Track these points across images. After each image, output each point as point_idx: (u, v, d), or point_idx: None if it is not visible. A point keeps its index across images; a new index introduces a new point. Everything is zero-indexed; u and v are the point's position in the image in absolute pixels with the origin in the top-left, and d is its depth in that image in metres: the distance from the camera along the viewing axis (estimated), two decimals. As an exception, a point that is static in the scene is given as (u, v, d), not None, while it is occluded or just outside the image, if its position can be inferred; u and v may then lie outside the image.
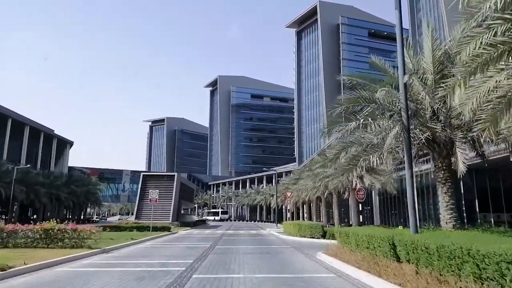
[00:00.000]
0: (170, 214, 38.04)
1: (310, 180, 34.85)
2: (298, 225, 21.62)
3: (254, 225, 55.74)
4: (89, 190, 59.24)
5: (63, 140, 65.16)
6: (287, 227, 26.00)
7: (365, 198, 20.35)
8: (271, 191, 74.41)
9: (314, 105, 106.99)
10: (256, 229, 38.58)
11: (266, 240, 20.80)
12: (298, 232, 21.52)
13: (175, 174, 40.20)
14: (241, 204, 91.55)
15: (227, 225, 53.65)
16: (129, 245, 17.06)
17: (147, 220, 37.34)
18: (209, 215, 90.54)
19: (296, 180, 44.40)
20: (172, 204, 38.52)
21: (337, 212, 29.95)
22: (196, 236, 24.63)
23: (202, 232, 30.25)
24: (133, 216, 39.19)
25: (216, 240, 20.53)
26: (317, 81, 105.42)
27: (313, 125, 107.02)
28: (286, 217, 67.47)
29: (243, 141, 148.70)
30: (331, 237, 19.38)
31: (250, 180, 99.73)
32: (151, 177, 40.15)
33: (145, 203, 39.19)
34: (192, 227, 39.28)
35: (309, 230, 20.56)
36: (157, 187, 39.31)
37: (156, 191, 25.13)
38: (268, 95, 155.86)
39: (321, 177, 30.28)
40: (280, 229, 33.89)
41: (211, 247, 16.21)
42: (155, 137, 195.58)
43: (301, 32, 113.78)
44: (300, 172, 45.98)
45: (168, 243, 19.30)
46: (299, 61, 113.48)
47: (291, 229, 23.82)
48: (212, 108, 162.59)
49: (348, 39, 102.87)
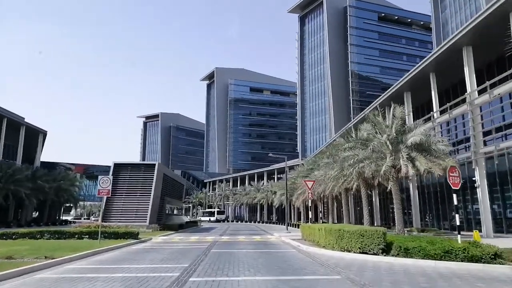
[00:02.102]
0: (147, 215, 29.34)
1: (331, 169, 26.25)
2: (337, 231, 12.94)
3: (255, 227, 46.97)
4: (61, 186, 50.36)
5: (34, 129, 56.21)
6: (309, 233, 17.30)
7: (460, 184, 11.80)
8: (273, 188, 65.76)
9: (319, 95, 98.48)
10: (260, 233, 29.96)
11: (285, 258, 12.13)
12: (336, 243, 12.86)
13: (156, 163, 31.47)
14: (239, 203, 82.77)
15: (223, 227, 44.96)
16: (12, 276, 8.39)
17: (119, 222, 28.83)
18: (204, 215, 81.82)
19: (309, 171, 35.80)
20: (150, 201, 29.83)
21: (399, 209, 21.10)
22: (170, 248, 15.95)
23: (186, 239, 21.59)
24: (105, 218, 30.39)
25: (198, 258, 11.92)
26: (322, 70, 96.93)
27: (317, 117, 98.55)
28: (291, 217, 58.95)
29: (242, 137, 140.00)
30: (402, 253, 10.87)
31: (249, 176, 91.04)
32: (124, 166, 31.43)
33: (116, 201, 30.54)
34: (177, 231, 30.61)
35: (357, 239, 11.97)
36: (133, 180, 30.68)
37: (107, 179, 16.43)
38: (268, 88, 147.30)
39: (351, 162, 21.69)
40: (293, 234, 25.25)
41: (179, 279, 7.68)
42: (149, 134, 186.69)
43: (304, 18, 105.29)
44: (312, 162, 37.38)
45: (103, 266, 10.60)
46: (302, 49, 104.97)
47: (318, 236, 15.15)
48: (209, 102, 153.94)
49: (356, 23, 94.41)
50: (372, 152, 21.48)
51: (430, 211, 30.31)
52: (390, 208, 39.95)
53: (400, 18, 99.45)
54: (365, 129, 23.05)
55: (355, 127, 28.80)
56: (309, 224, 18.34)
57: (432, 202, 30.29)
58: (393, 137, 20.97)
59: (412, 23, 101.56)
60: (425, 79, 27.73)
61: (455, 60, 23.97)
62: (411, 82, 29.03)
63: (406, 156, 19.57)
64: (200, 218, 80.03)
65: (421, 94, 29.75)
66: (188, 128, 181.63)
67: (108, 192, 16.15)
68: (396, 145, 20.94)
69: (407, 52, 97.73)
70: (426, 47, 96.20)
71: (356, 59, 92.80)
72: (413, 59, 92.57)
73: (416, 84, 29.03)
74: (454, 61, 24.14)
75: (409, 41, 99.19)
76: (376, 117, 22.43)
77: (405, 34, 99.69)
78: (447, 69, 25.72)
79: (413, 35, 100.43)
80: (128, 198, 30.37)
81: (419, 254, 10.47)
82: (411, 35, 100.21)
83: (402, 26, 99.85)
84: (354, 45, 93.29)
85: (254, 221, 74.39)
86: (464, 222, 25.48)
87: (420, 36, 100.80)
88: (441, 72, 26.57)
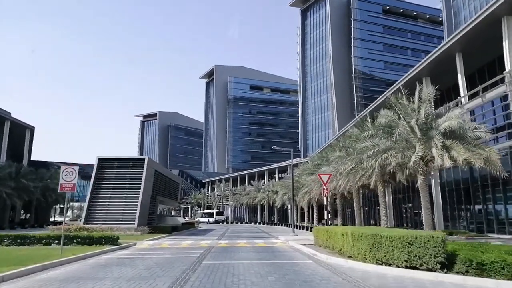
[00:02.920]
0: (136, 216, 25.98)
1: (343, 164, 22.91)
2: (371, 237, 9.57)
3: (256, 228, 43.59)
4: (48, 185, 46.98)
5: (21, 125, 52.86)
6: (325, 237, 13.94)
7: None
8: (275, 187, 62.39)
9: (321, 91, 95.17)
10: (263, 236, 26.63)
11: (304, 276, 8.79)
12: (370, 253, 9.53)
13: (145, 157, 28.05)
14: (239, 204, 79.33)
15: (222, 229, 41.62)
16: None
17: (103, 224, 25.56)
18: (203, 216, 78.38)
19: (316, 167, 32.41)
20: (139, 201, 26.46)
21: (428, 209, 17.81)
22: (151, 258, 12.61)
23: (176, 245, 18.24)
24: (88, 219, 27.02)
25: (183, 276, 8.57)
26: (325, 65, 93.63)
27: (320, 114, 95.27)
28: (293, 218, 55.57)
29: (241, 136, 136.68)
30: (473, 270, 7.57)
31: (249, 176, 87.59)
32: (110, 162, 28.01)
33: (101, 201, 27.21)
34: (170, 233, 27.24)
35: (402, 248, 8.68)
36: (120, 177, 27.37)
37: (72, 171, 13.07)
38: (268, 86, 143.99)
39: (371, 153, 18.35)
40: (301, 237, 21.94)
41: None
42: (147, 133, 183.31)
43: (306, 11, 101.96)
44: (319, 157, 34.01)
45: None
46: (304, 44, 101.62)
47: (341, 242, 11.77)
48: (208, 100, 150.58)
49: (360, 15, 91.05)
50: (395, 142, 18.18)
51: (452, 210, 27.02)
52: (403, 208, 36.64)
53: (405, 11, 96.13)
54: (385, 115, 19.69)
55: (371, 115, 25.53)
56: (326, 227, 14.93)
57: (454, 201, 27.03)
58: (422, 122, 17.66)
59: (418, 16, 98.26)
60: (449, 61, 24.44)
61: (490, 35, 20.64)
62: (432, 65, 25.71)
63: (440, 144, 16.25)
64: (199, 219, 76.63)
65: (443, 79, 26.42)
66: (186, 127, 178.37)
67: (73, 187, 12.79)
68: (425, 132, 17.63)
69: (412, 47, 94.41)
70: (432, 42, 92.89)
71: (359, 54, 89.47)
72: (419, 54, 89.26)
73: (437, 67, 25.72)
74: (488, 36, 20.81)
75: (415, 35, 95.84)
76: (399, 100, 19.10)
77: (411, 27, 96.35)
78: (480, 47, 22.40)
79: (419, 29, 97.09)
80: (115, 197, 27.03)
81: (502, 273, 7.13)
82: (417, 29, 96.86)
83: (408, 19, 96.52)
84: (357, 39, 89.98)
85: (254, 222, 71.03)
86: (494, 222, 22.15)
87: (426, 30, 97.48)
88: (470, 51, 23.26)
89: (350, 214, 47.52)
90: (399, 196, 35.10)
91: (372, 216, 39.77)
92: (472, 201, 25.17)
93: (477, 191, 24.17)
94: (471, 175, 24.26)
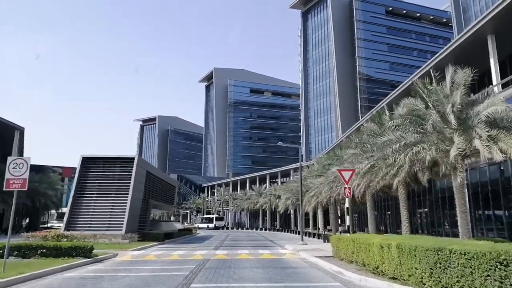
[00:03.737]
0: (123, 221, 22.96)
1: (358, 162, 19.97)
2: (433, 251, 6.57)
3: (258, 235, 40.46)
4: (37, 189, 43.99)
5: (8, 125, 49.89)
6: (351, 250, 10.89)
7: None
8: (277, 191, 59.33)
9: (324, 93, 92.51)
10: (267, 244, 23.61)
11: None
12: (430, 276, 6.52)
13: (135, 156, 25.11)
14: (239, 209, 76.13)
15: (221, 235, 38.52)
16: None
17: (87, 230, 22.61)
18: (203, 222, 75.21)
19: (325, 168, 29.43)
20: (127, 204, 23.47)
21: (465, 213, 14.84)
22: (123, 280, 9.61)
23: (164, 256, 15.22)
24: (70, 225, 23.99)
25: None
26: (327, 66, 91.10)
27: (322, 117, 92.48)
28: (302, 224, 52.54)
29: (242, 140, 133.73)
30: None
31: (250, 180, 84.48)
32: (95, 161, 25.05)
33: (85, 204, 24.25)
34: (161, 242, 24.18)
35: (490, 272, 5.65)
36: (106, 178, 24.44)
37: (22, 163, 9.99)
38: (269, 90, 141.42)
39: (396, 147, 15.42)
40: (313, 247, 18.94)
41: None
42: (146, 138, 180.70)
43: (307, 13, 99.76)
44: (329, 157, 31.01)
45: None
46: (306, 45, 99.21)
47: (379, 257, 8.72)
48: (208, 104, 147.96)
49: (363, 16, 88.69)
50: (425, 134, 15.27)
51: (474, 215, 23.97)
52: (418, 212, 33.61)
53: (408, 12, 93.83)
54: (409, 104, 16.79)
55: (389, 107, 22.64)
56: (351, 236, 11.83)
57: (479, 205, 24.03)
58: (458, 109, 14.77)
59: (422, 17, 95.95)
60: (477, 47, 21.64)
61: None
62: (458, 51, 22.89)
63: (486, 135, 13.33)
64: (198, 225, 73.44)
65: (470, 66, 23.55)
66: (186, 131, 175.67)
67: (24, 183, 9.75)
68: (463, 121, 14.74)
69: (418, 48, 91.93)
70: (437, 42, 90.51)
71: (363, 54, 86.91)
72: (424, 55, 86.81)
73: (464, 53, 22.90)
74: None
75: (420, 36, 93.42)
76: (426, 86, 16.21)
77: (415, 28, 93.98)
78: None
79: (423, 29, 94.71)
80: (100, 201, 24.04)
81: None
82: (422, 30, 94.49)
83: (412, 20, 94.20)
84: (361, 39, 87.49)
85: (255, 228, 67.80)
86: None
87: (431, 31, 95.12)
88: (503, 33, 20.44)
89: (357, 220, 44.36)
90: (415, 199, 32.14)
91: (381, 222, 36.61)
92: (503, 205, 22.17)
93: (509, 193, 21.20)
94: (501, 174, 21.31)
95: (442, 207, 24.64)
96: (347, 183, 12.59)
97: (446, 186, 25.09)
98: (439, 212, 25.60)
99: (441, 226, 25.44)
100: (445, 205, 24.15)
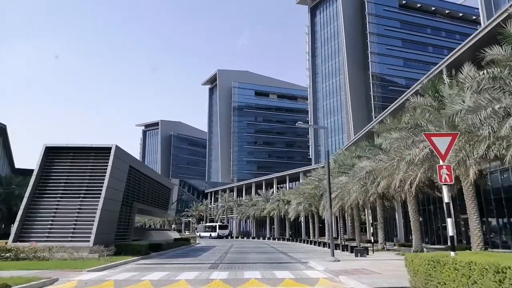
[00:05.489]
0: (92, 229, 17.44)
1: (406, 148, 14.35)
2: None
3: (268, 246, 34.57)
4: (13, 193, 38.85)
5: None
6: (466, 283, 5.11)
7: None
8: (286, 196, 53.61)
9: (333, 93, 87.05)
10: (282, 260, 17.93)
11: None
12: None
13: (112, 146, 19.72)
14: (244, 216, 70.30)
15: (224, 247, 32.79)
16: None
17: (44, 241, 17.20)
18: (205, 230, 69.43)
19: (351, 161, 23.68)
20: (98, 207, 17.98)
21: None
22: None
23: (134, 283, 9.61)
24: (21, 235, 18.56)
25: None
26: (337, 63, 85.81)
27: (332, 117, 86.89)
28: (331, 232, 46.63)
29: (247, 145, 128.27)
30: None
31: (256, 185, 78.82)
32: (62, 152, 19.71)
33: (45, 207, 18.85)
34: (143, 256, 18.55)
35: None
36: (75, 174, 19.03)
37: None
38: (274, 92, 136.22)
39: (488, 112, 9.80)
40: (354, 266, 13.25)
41: None
42: (149, 143, 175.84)
43: (315, 9, 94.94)
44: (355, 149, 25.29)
45: None
46: (314, 42, 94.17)
47: None
48: (211, 108, 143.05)
49: (375, 9, 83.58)
50: None
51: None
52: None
53: (423, 6, 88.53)
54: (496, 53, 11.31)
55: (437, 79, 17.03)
56: (461, 257, 5.52)
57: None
58: None
59: (437, 11, 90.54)
60: None
61: None
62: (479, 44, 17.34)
63: None
64: (199, 234, 67.71)
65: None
66: (189, 137, 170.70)
67: None
68: None
69: (433, 43, 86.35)
70: (454, 38, 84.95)
71: (376, 50, 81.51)
72: (440, 51, 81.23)
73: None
74: None
75: (435, 31, 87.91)
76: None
77: (430, 23, 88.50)
78: None
79: (439, 24, 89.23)
80: (65, 202, 18.65)
81: None
82: (437, 25, 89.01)
83: (426, 14, 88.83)
84: (373, 34, 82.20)
85: (262, 237, 61.83)
86: None
87: (447, 26, 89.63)
88: None
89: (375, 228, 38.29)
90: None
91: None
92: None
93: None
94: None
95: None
96: (444, 158, 6.81)
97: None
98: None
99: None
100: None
